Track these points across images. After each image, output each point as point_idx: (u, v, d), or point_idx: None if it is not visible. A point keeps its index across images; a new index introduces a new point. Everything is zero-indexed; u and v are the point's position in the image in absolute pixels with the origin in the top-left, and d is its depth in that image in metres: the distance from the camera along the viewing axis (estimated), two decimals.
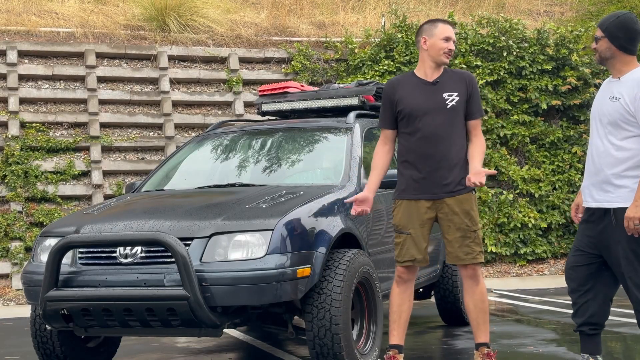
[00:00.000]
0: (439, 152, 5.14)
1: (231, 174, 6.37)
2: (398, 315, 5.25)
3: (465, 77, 5.28)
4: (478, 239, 5.17)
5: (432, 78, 5.23)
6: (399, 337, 5.25)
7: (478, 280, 5.21)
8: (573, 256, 4.76)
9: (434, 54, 5.21)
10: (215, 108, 11.93)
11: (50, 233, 5.40)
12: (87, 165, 10.81)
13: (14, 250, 9.90)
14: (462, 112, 5.20)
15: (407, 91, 5.23)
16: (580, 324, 4.73)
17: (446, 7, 14.69)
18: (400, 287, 5.27)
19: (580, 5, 15.30)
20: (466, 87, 5.22)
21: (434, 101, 5.18)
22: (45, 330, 5.52)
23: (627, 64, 4.55)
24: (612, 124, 4.49)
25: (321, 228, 5.22)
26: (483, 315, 5.23)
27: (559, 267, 11.33)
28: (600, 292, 4.68)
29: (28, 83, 11.31)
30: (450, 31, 5.23)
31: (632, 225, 4.34)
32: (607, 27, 4.55)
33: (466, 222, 5.12)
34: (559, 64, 12.05)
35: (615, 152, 4.48)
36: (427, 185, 5.15)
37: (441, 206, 5.14)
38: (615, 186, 4.47)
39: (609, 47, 4.55)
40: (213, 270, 4.83)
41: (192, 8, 12.45)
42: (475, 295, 5.21)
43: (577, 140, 11.89)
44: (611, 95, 4.52)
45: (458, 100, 5.19)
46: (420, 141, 5.17)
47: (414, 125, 5.18)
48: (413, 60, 11.70)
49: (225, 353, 6.56)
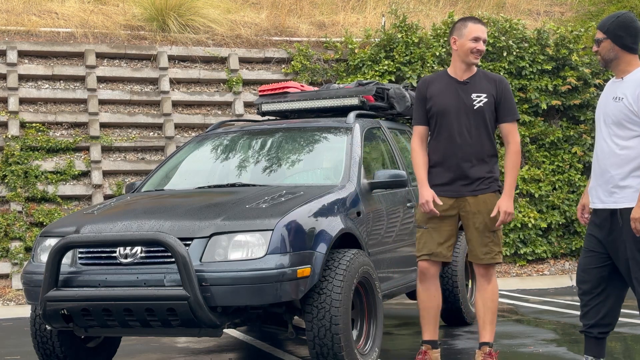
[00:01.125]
0: (464, 151, 5.22)
1: (231, 174, 6.37)
2: (426, 312, 5.35)
3: (496, 79, 5.32)
4: (497, 239, 5.26)
5: (463, 78, 5.28)
6: (430, 333, 5.35)
7: (490, 279, 5.27)
8: (585, 257, 4.74)
9: (463, 55, 5.25)
10: (215, 108, 11.93)
11: (50, 233, 5.40)
12: (87, 165, 10.80)
13: (14, 250, 9.89)
14: (489, 113, 5.24)
15: (437, 89, 5.30)
16: (590, 325, 4.71)
17: (446, 7, 14.68)
18: (423, 284, 5.35)
19: (580, 5, 15.30)
20: (496, 89, 5.25)
21: (462, 101, 5.23)
22: (45, 330, 5.52)
23: (630, 63, 4.56)
24: (616, 124, 4.50)
25: (321, 228, 5.23)
26: (491, 314, 5.27)
27: (558, 267, 11.33)
28: (612, 294, 4.68)
29: (28, 83, 11.30)
30: (480, 31, 5.22)
31: (638, 226, 4.34)
32: (609, 28, 4.55)
33: (487, 222, 5.21)
34: (559, 64, 12.05)
35: (619, 152, 4.48)
36: (451, 183, 5.24)
37: (463, 204, 5.25)
38: (620, 187, 4.47)
39: (612, 48, 4.55)
40: (213, 270, 4.83)
41: (192, 8, 12.44)
42: (486, 294, 5.26)
43: (577, 140, 11.88)
44: (615, 96, 4.53)
45: (486, 102, 5.23)
46: (446, 140, 5.25)
47: (441, 124, 5.26)
48: (413, 60, 11.70)
49: (225, 353, 6.56)
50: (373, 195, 6.06)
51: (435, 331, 5.40)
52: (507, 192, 5.22)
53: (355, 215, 5.70)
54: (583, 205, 4.87)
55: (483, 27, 5.25)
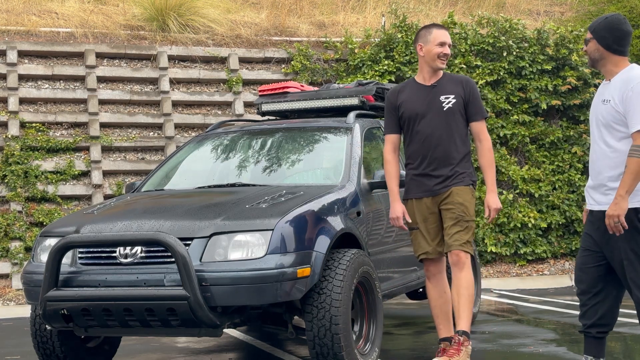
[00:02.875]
0: (438, 152, 5.39)
1: (231, 174, 6.37)
2: (439, 309, 5.49)
3: (462, 80, 5.51)
4: (469, 230, 5.37)
5: (431, 82, 5.47)
6: (446, 330, 5.48)
7: (462, 267, 5.32)
8: (582, 257, 4.76)
9: (430, 60, 5.44)
10: (215, 108, 11.93)
11: (50, 233, 5.40)
12: (87, 165, 10.80)
13: (14, 250, 9.90)
14: (459, 113, 5.42)
15: (407, 96, 5.48)
16: (588, 325, 4.71)
17: (446, 7, 14.69)
18: (431, 282, 5.52)
19: (580, 5, 15.30)
20: (463, 90, 5.44)
21: (431, 104, 5.42)
22: (45, 330, 5.52)
23: (617, 65, 4.59)
24: (605, 126, 4.55)
25: (321, 228, 5.23)
26: (464, 301, 5.28)
27: (558, 267, 11.32)
28: (610, 294, 4.68)
29: (28, 83, 11.30)
30: (445, 36, 5.43)
31: (612, 223, 4.38)
32: (595, 28, 4.61)
33: (458, 212, 5.33)
34: (559, 64, 12.05)
35: (611, 154, 4.52)
36: (428, 184, 5.40)
37: (440, 199, 5.40)
38: (611, 189, 4.50)
39: (597, 49, 4.60)
40: (213, 270, 4.83)
41: (192, 8, 12.44)
42: (458, 282, 5.34)
43: (577, 140, 11.88)
44: (603, 98, 4.58)
45: (454, 102, 5.40)
46: (420, 143, 5.43)
47: (413, 128, 5.44)
48: (413, 60, 11.70)
49: (225, 353, 6.56)
50: (373, 195, 6.07)
51: (450, 327, 5.49)
52: (491, 189, 5.37)
53: (355, 215, 5.71)
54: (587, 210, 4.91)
55: (447, 32, 5.47)
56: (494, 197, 5.35)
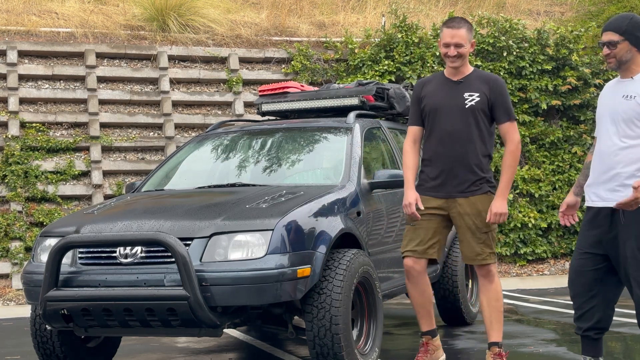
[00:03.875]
0: (455, 151, 5.21)
1: (231, 174, 6.37)
2: (420, 307, 5.43)
3: (490, 79, 5.31)
4: (489, 240, 5.24)
5: (457, 78, 5.31)
6: (427, 324, 5.44)
7: (492, 279, 5.28)
8: (579, 259, 4.70)
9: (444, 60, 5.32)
10: (215, 108, 11.93)
11: (50, 233, 5.40)
12: (87, 165, 10.81)
13: (14, 250, 9.90)
14: (483, 113, 5.23)
15: (432, 89, 5.34)
16: (585, 328, 4.70)
17: (446, 7, 14.69)
18: (411, 282, 5.38)
19: (580, 5, 15.30)
20: (490, 89, 5.24)
21: (453, 100, 5.24)
22: (45, 330, 5.51)
23: (638, 63, 4.56)
24: (625, 122, 4.49)
25: (321, 228, 5.22)
26: (497, 314, 5.29)
27: (559, 267, 11.33)
28: (605, 297, 4.66)
29: (28, 83, 11.31)
30: (450, 36, 5.20)
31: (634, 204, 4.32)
32: (626, 29, 4.52)
33: (477, 223, 5.20)
34: (559, 64, 12.05)
35: (627, 151, 4.47)
36: (441, 184, 5.25)
37: (453, 205, 5.24)
38: (625, 185, 4.45)
39: (630, 50, 4.53)
40: (213, 270, 4.83)
41: (192, 8, 12.44)
42: (489, 294, 5.29)
43: (577, 140, 11.88)
44: (625, 94, 4.52)
45: (478, 101, 5.21)
46: (438, 139, 5.26)
47: (433, 123, 5.27)
48: (413, 60, 11.70)
49: (225, 353, 6.56)
50: (373, 195, 6.06)
51: (432, 321, 5.45)
52: (500, 193, 5.16)
53: (355, 215, 5.70)
54: (567, 204, 4.88)
55: (453, 32, 5.19)
56: (500, 201, 5.13)
